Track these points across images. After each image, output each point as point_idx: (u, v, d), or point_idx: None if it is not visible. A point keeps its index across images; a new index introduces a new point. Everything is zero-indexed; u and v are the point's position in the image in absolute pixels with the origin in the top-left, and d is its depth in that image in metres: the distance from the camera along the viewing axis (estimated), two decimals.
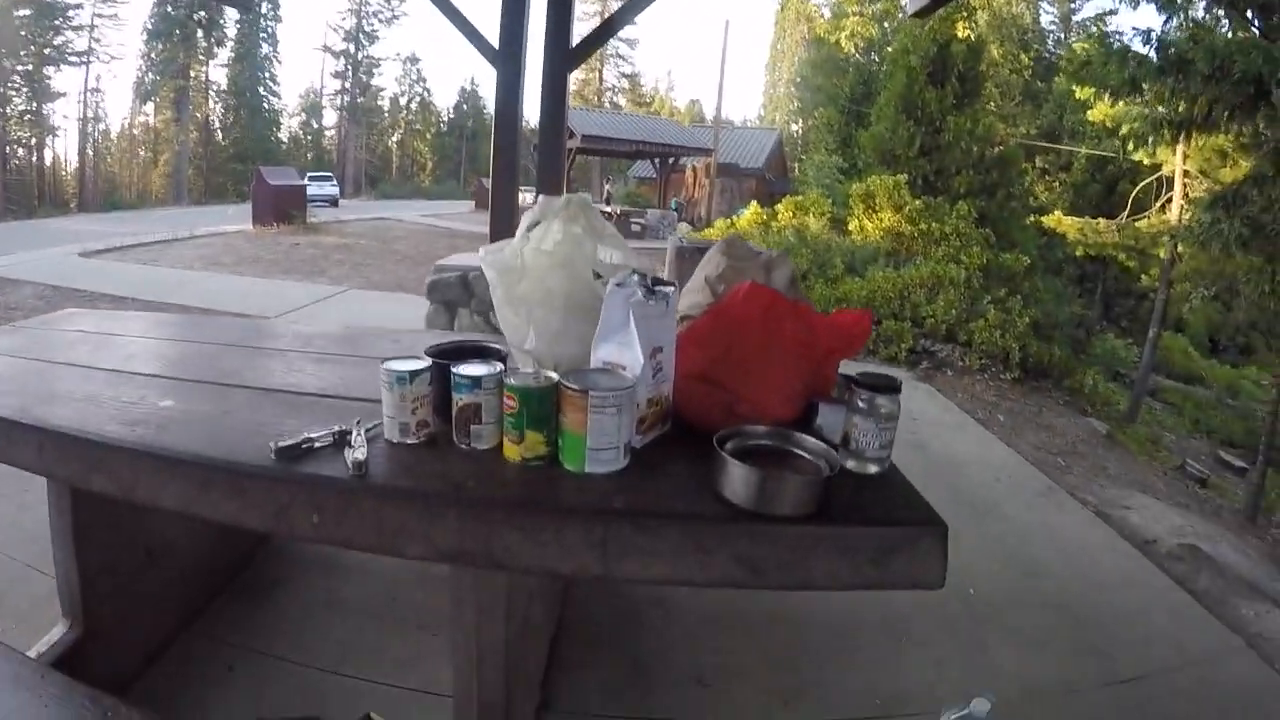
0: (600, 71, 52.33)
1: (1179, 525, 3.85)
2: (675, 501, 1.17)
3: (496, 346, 1.52)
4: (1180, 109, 8.99)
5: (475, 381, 1.24)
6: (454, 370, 1.26)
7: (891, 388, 1.35)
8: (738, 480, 1.15)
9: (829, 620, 2.40)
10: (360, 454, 1.20)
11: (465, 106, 57.72)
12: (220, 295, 8.22)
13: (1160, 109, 9.54)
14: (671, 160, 24.23)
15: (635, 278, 1.33)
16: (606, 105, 48.02)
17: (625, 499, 1.16)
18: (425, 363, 1.30)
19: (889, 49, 24.27)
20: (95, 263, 10.34)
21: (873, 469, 1.33)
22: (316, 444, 1.26)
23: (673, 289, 1.36)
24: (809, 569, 1.14)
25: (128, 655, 1.90)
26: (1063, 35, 33.70)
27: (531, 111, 4.86)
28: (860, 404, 1.34)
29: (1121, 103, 11.02)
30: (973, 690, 1.81)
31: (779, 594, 2.47)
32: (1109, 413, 8.95)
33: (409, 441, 1.29)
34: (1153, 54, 9.16)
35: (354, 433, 1.28)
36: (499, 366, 1.30)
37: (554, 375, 1.25)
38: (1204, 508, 6.42)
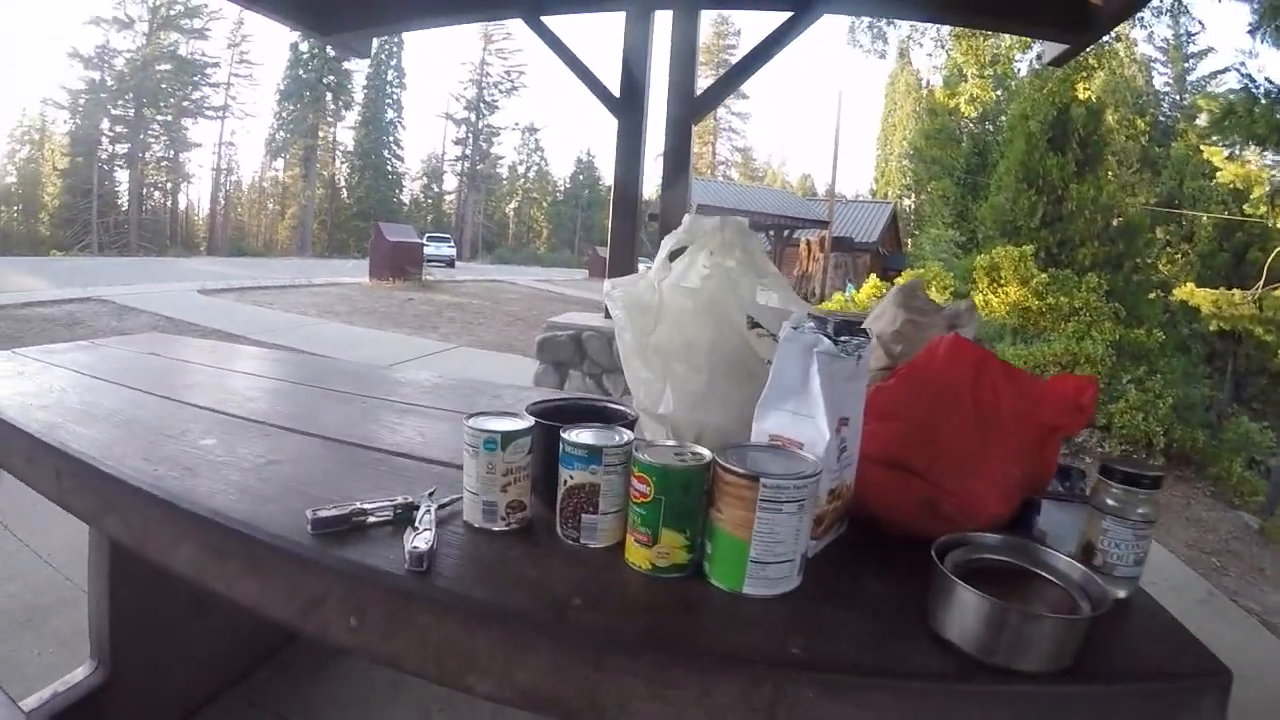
0: (714, 145, 53.18)
1: None
2: (877, 647, 0.79)
3: (622, 408, 1.16)
4: None
5: (593, 453, 0.90)
6: (564, 436, 0.92)
7: (1155, 481, 0.98)
8: (975, 618, 0.77)
9: None
10: (423, 541, 0.86)
11: (581, 177, 59.33)
12: (328, 341, 8.24)
13: None
14: (786, 233, 23.90)
15: (813, 323, 0.97)
16: (720, 178, 48.29)
17: (806, 641, 0.78)
18: (526, 423, 0.97)
19: (1004, 117, 23.69)
20: (213, 300, 10.72)
21: (1122, 592, 0.95)
22: (370, 518, 0.94)
23: (868, 340, 1.01)
24: None
25: (154, 710, 1.69)
26: (1178, 97, 32.36)
27: (650, 179, 4.74)
28: (1111, 502, 0.96)
29: (1253, 159, 10.26)
30: None
31: None
32: (1254, 504, 8.21)
33: (495, 529, 0.96)
34: None
35: (421, 509, 0.96)
36: (627, 435, 0.96)
37: (705, 453, 0.90)
38: None
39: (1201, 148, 13.25)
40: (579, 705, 0.77)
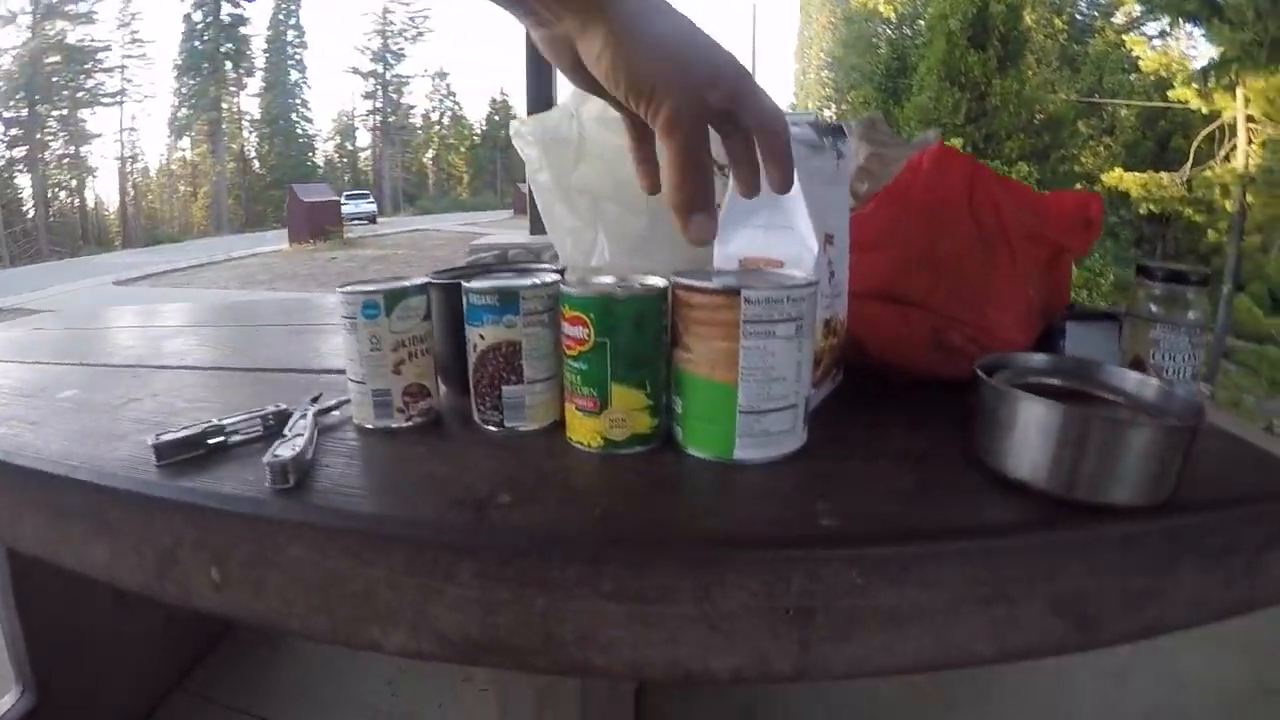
0: None
1: None
2: (927, 504, 0.58)
3: (546, 266, 0.90)
4: (1272, 29, 8.22)
5: (507, 299, 0.66)
6: (469, 286, 0.68)
7: (1204, 278, 0.81)
8: (1051, 440, 0.56)
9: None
10: (289, 449, 0.62)
11: (497, 118, 57.55)
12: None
13: (1242, 35, 8.77)
14: None
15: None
16: None
17: (834, 508, 0.56)
18: (416, 281, 0.73)
19: (921, 21, 23.54)
20: (128, 289, 10.23)
21: None
22: (232, 438, 0.69)
23: (846, 140, 0.80)
24: (1167, 599, 0.57)
25: None
26: None
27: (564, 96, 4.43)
28: (1156, 308, 0.79)
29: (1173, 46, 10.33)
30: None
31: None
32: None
33: (393, 425, 0.72)
34: None
35: (295, 416, 0.72)
36: (551, 277, 0.71)
37: (657, 279, 0.66)
38: None
39: (1124, 38, 13.29)
40: (529, 646, 0.53)
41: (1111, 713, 1.57)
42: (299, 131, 49.55)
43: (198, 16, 42.66)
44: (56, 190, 40.87)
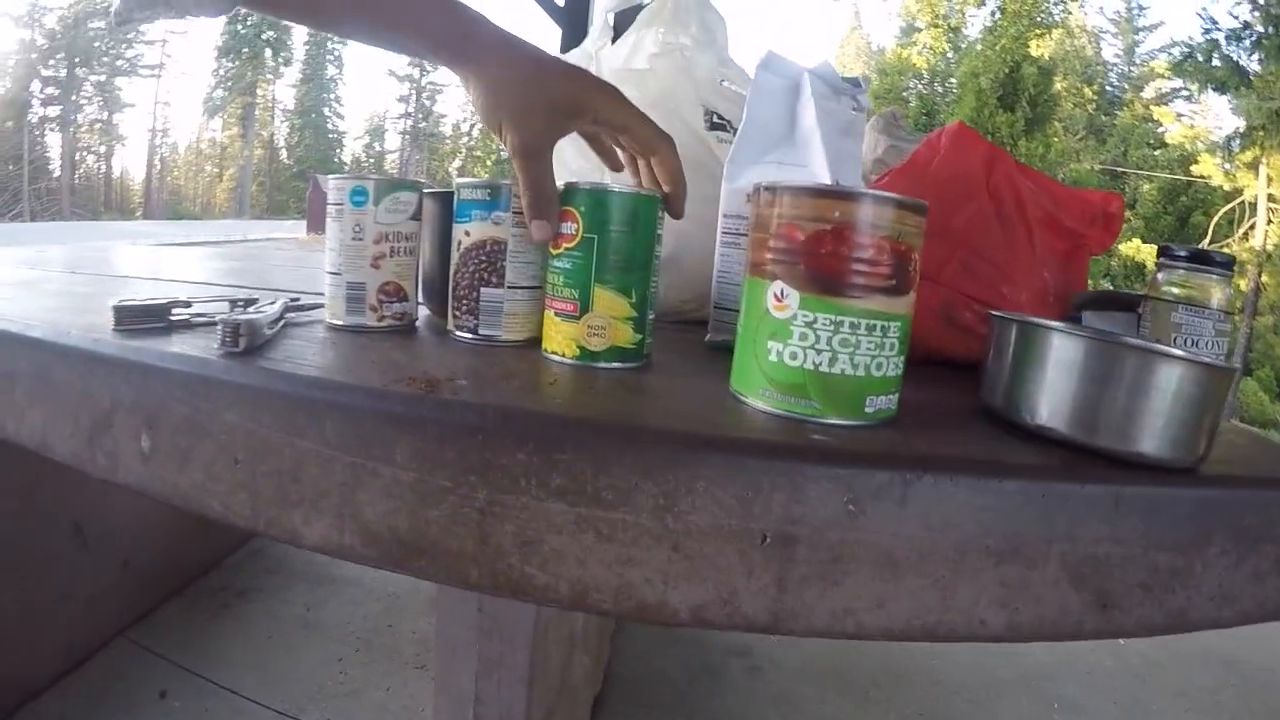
0: None
1: None
2: (932, 439, 0.53)
3: None
4: None
5: (495, 194, 0.63)
6: (460, 181, 0.65)
7: (1228, 263, 0.77)
8: (1072, 374, 0.51)
9: (957, 680, 1.85)
10: (248, 316, 0.59)
11: None
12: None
13: (1269, 104, 8.79)
14: None
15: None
16: None
17: (827, 431, 0.50)
18: (412, 179, 0.70)
19: (953, 79, 23.69)
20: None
21: None
22: (197, 317, 0.65)
23: (864, 92, 0.77)
24: (1195, 585, 0.51)
25: (33, 657, 1.41)
26: (1126, 69, 32.65)
27: None
28: (1178, 291, 0.75)
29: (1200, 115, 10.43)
30: None
31: (895, 646, 1.91)
32: None
33: (364, 321, 0.68)
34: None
35: (266, 300, 0.69)
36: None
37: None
38: None
39: (1151, 109, 13.38)
40: (464, 551, 0.47)
41: None
42: (330, 127, 50.04)
43: None
44: (85, 154, 41.30)
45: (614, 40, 0.95)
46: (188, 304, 0.66)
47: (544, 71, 0.61)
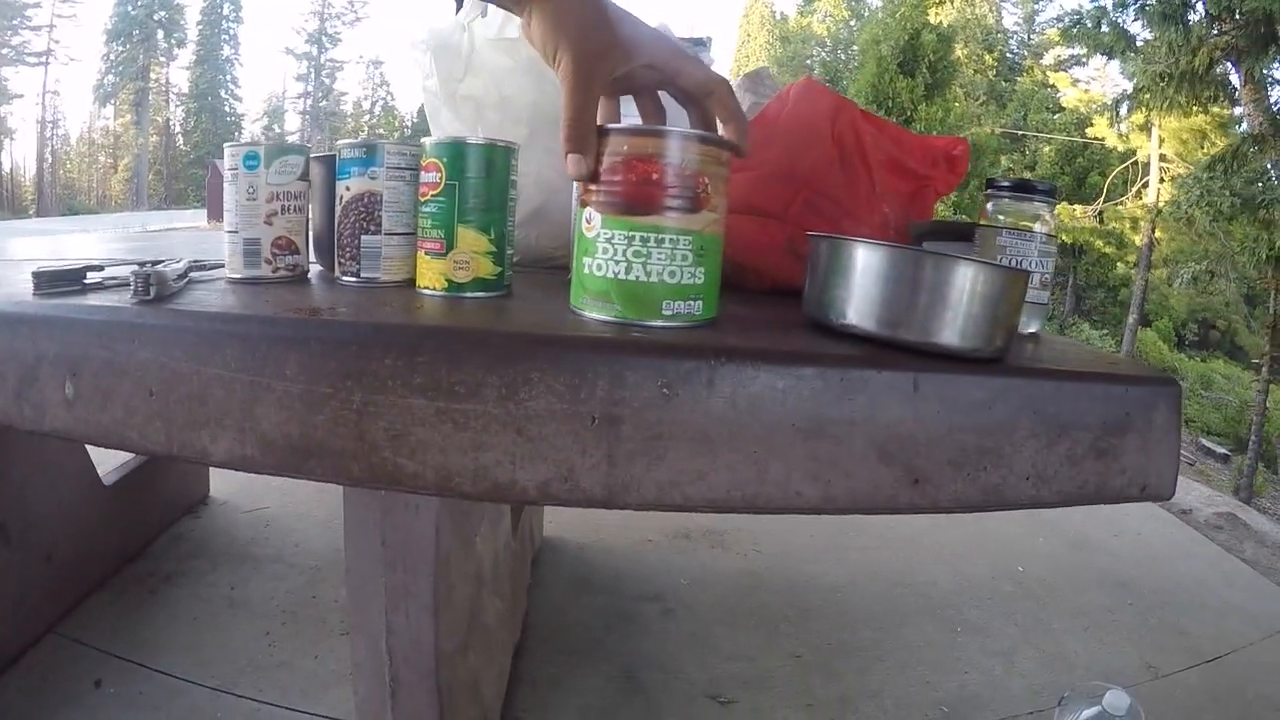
0: None
1: (1207, 495, 3.51)
2: (750, 335, 0.63)
3: None
4: (1181, 63, 8.66)
5: (371, 152, 0.71)
6: (340, 143, 0.72)
7: (1051, 191, 0.86)
8: (876, 277, 0.60)
9: (865, 610, 1.95)
10: (154, 270, 0.64)
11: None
12: None
13: (1154, 67, 9.22)
14: None
15: None
16: None
17: (647, 334, 0.59)
18: (299, 144, 0.77)
19: (855, 45, 24.10)
20: None
21: (1033, 326, 0.84)
22: (110, 281, 0.71)
23: (707, 49, 0.86)
24: (1006, 465, 0.59)
25: None
26: (1026, 36, 33.65)
27: None
28: (1004, 217, 0.85)
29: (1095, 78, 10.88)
30: (1051, 685, 1.61)
31: (801, 581, 2.02)
32: None
33: (259, 274, 0.75)
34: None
35: (172, 260, 0.75)
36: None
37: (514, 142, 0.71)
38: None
39: (1048, 74, 13.83)
40: (345, 449, 0.55)
41: (996, 690, 1.65)
42: (227, 109, 48.29)
43: None
44: None
45: (484, 15, 1.01)
46: (100, 268, 0.72)
47: (607, 8, 0.63)
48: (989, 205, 0.87)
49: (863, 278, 0.61)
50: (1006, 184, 0.86)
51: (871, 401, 0.56)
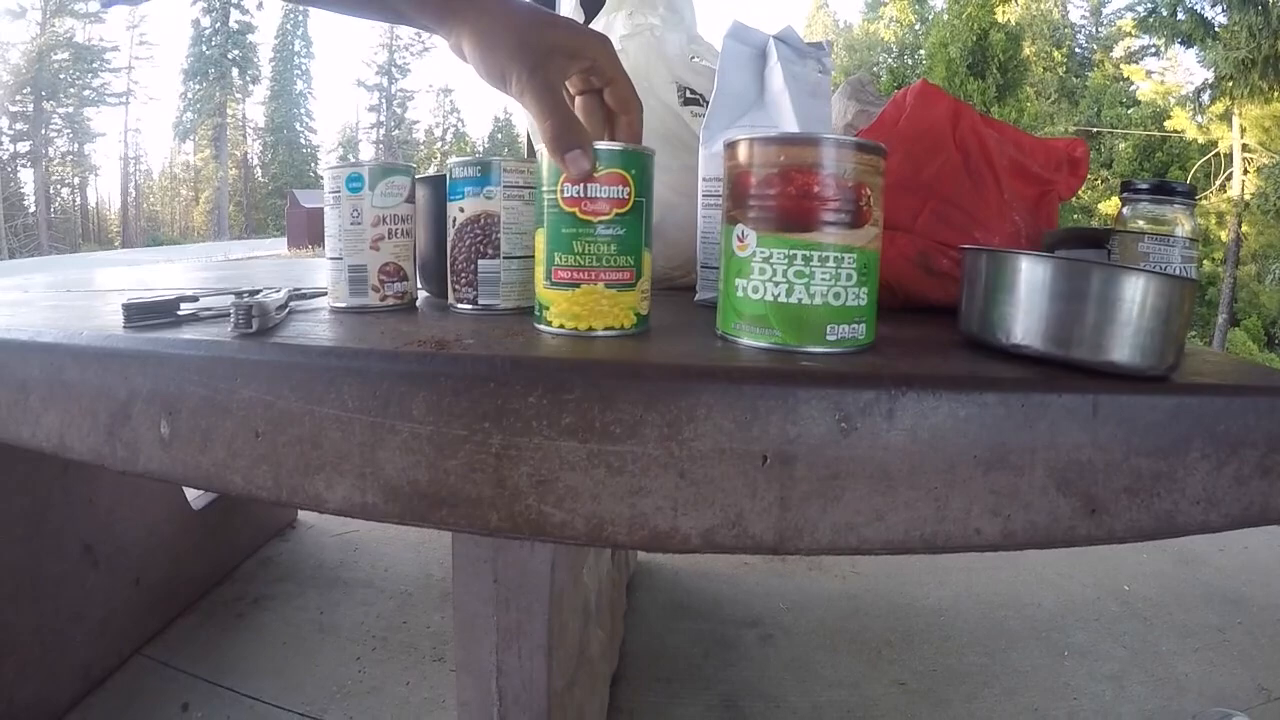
0: None
1: None
2: (918, 359, 0.57)
3: None
4: (1264, 48, 8.29)
5: (485, 171, 0.66)
6: (452, 161, 0.67)
7: (1191, 192, 0.78)
8: (1046, 294, 0.54)
9: (969, 634, 1.85)
10: (255, 300, 0.61)
11: (500, 135, 57.82)
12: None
13: (1235, 53, 8.84)
14: None
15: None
16: None
17: (816, 360, 0.54)
18: (405, 163, 0.73)
19: (921, 50, 23.73)
20: None
21: None
22: (205, 312, 0.68)
23: (828, 54, 0.80)
24: (1179, 489, 0.53)
25: (54, 683, 1.40)
26: (1094, 29, 32.70)
27: None
28: (1144, 223, 0.77)
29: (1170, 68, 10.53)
30: (1163, 711, 1.54)
31: (902, 604, 1.94)
32: None
33: (367, 302, 0.71)
34: None
35: (271, 290, 0.72)
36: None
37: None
38: None
39: (1122, 67, 13.42)
40: (482, 496, 0.50)
41: (1107, 717, 1.56)
42: (302, 141, 49.80)
43: (206, 22, 43.03)
44: (59, 187, 41.09)
45: (584, 24, 0.98)
46: (194, 299, 0.69)
47: (539, 16, 0.60)
48: (1125, 209, 0.81)
49: (1030, 293, 0.55)
50: (1145, 186, 0.79)
51: (1052, 427, 0.51)
